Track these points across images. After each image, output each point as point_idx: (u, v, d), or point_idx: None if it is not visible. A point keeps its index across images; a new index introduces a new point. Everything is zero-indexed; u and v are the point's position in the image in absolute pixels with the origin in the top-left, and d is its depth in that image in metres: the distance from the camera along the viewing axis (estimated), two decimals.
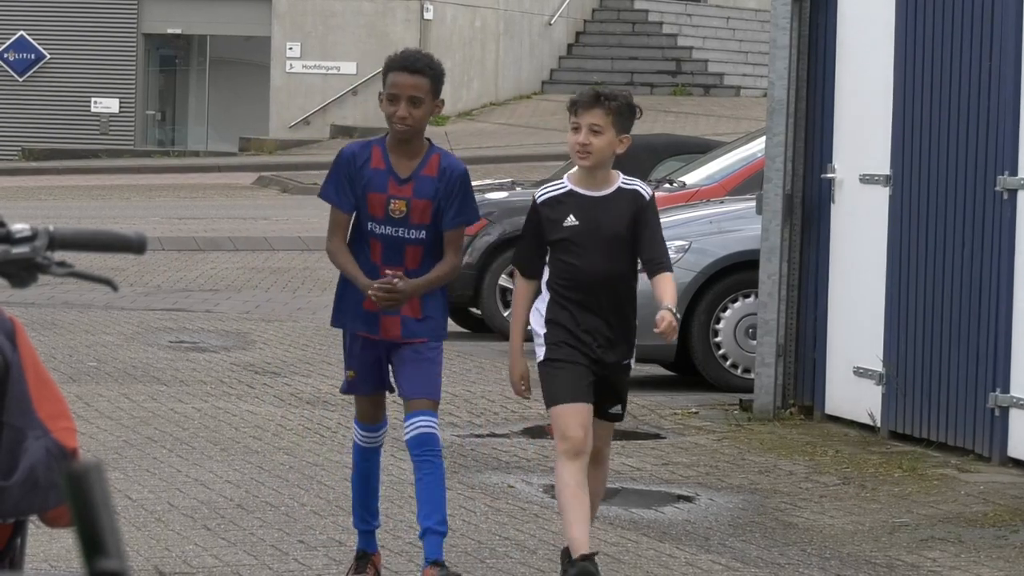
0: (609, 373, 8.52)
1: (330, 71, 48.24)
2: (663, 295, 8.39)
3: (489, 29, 49.92)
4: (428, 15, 46.63)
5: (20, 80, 46.89)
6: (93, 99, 47.65)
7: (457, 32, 50.01)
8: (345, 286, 8.67)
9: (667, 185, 19.04)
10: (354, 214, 8.67)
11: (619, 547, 10.76)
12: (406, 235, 8.45)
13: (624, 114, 8.59)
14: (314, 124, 48.10)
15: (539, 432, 14.28)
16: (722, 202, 18.69)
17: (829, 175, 15.04)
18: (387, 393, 9.04)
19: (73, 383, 5.93)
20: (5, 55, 46.92)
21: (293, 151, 46.89)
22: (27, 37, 46.28)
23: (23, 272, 4.59)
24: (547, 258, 8.58)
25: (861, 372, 14.43)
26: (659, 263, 8.45)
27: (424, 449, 8.64)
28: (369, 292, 8.32)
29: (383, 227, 8.46)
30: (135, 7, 48.19)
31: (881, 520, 11.65)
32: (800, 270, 15.44)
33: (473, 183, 9.39)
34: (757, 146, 19.00)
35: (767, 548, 10.85)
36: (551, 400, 8.54)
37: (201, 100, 50.59)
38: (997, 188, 13.36)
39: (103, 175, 40.73)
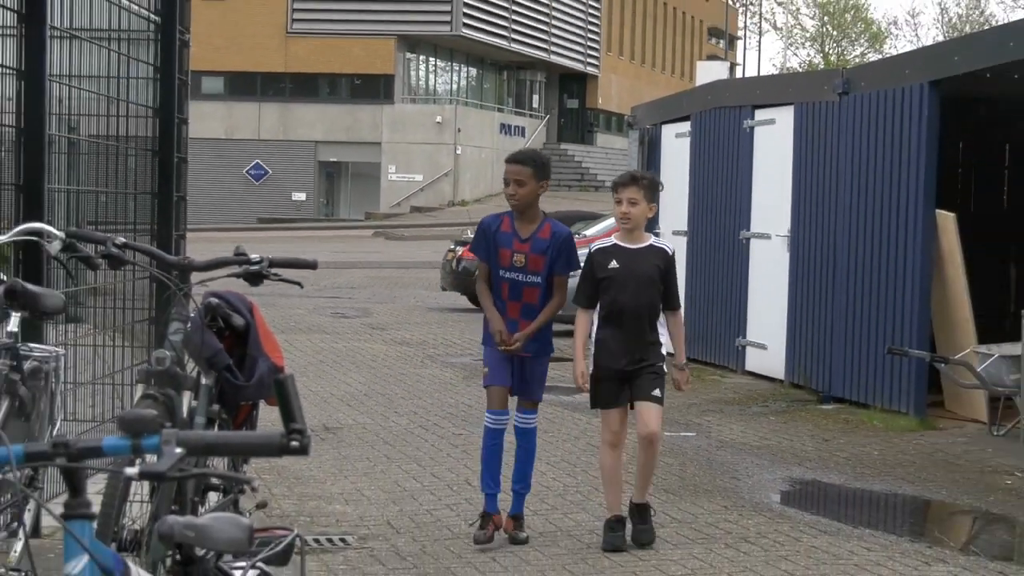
0: (643, 372, 9.18)
1: (409, 179, 66.01)
2: (678, 350, 9.68)
3: (488, 159, 65.73)
4: (459, 152, 65.02)
5: (256, 184, 64.78)
6: (292, 192, 65.80)
7: (472, 159, 66.98)
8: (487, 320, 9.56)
9: (576, 235, 23.63)
10: (488, 263, 9.56)
11: None
12: (524, 279, 9.33)
13: (652, 188, 9.58)
14: (401, 205, 65.04)
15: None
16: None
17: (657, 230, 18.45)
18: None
19: (282, 334, 7.42)
20: (248, 172, 64.85)
21: (391, 219, 62.28)
22: (261, 163, 64.35)
23: (256, 278, 7.56)
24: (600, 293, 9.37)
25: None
26: (673, 302, 9.45)
27: (524, 438, 9.65)
28: (500, 347, 9.34)
29: (509, 273, 9.34)
30: (313, 148, 65.07)
31: (681, 402, 14.90)
32: None
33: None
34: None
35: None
36: (595, 404, 9.58)
37: (346, 193, 69.26)
38: (740, 238, 18.60)
39: (296, 232, 56.17)
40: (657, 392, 9.28)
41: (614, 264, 9.29)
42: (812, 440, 14.39)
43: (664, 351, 9.53)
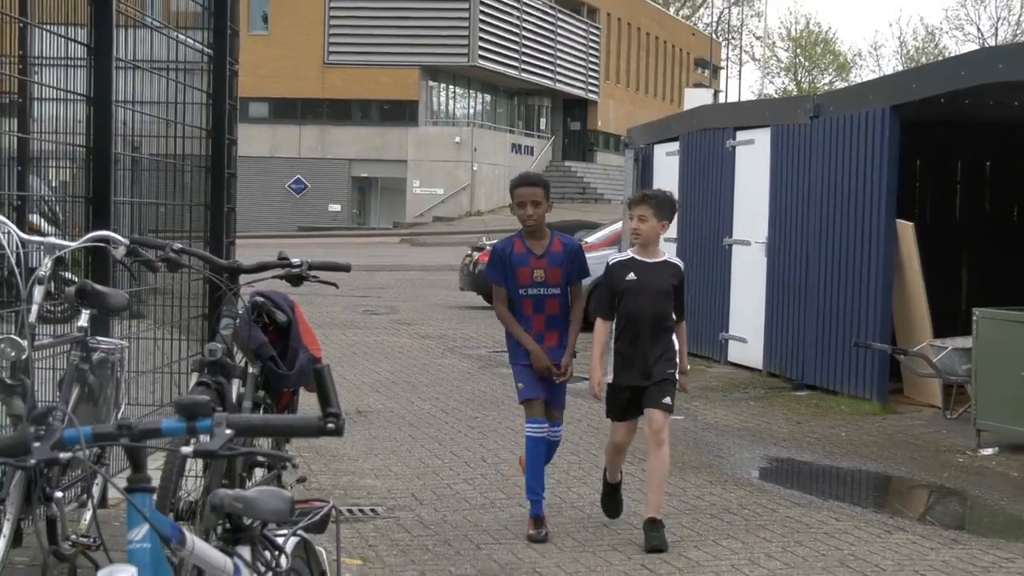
0: (656, 380, 8.51)
1: (431, 192, 66.01)
2: (682, 357, 8.81)
3: (501, 174, 64.12)
4: (475, 168, 65.07)
5: (298, 197, 64.99)
6: (329, 204, 66.37)
7: (486, 175, 66.40)
8: (513, 340, 8.94)
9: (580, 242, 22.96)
10: (507, 286, 8.91)
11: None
12: (546, 292, 8.80)
13: (664, 207, 8.81)
14: (425, 215, 64.71)
15: None
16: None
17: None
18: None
19: (319, 328, 7.29)
20: (290, 186, 65.15)
21: (415, 228, 62.10)
22: (301, 178, 64.79)
23: (296, 279, 7.62)
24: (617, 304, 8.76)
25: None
26: (680, 314, 8.77)
27: (551, 449, 9.19)
28: (542, 367, 8.75)
29: (531, 289, 8.77)
30: (347, 165, 65.94)
31: None
32: None
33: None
34: (616, 225, 24.65)
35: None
36: (609, 415, 8.90)
37: (376, 205, 69.67)
38: (723, 244, 18.56)
39: (332, 239, 55.37)
40: (668, 400, 8.59)
41: (632, 276, 8.71)
42: (787, 423, 14.42)
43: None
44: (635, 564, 8.29)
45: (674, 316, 8.81)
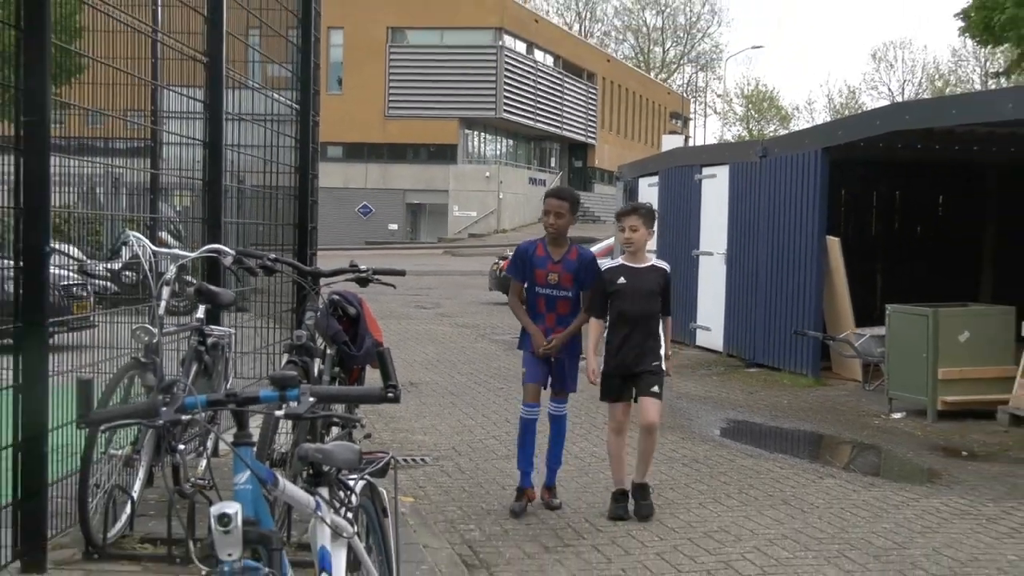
0: (644, 372, 7.77)
1: (467, 215, 65.20)
2: (666, 345, 8.05)
3: (521, 201, 66.01)
4: (501, 197, 64.38)
5: (364, 219, 64.62)
6: (388, 224, 65.46)
7: (509, 202, 66.05)
8: (523, 330, 8.18)
9: None
10: (525, 283, 8.14)
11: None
12: (558, 294, 7.99)
13: (649, 217, 8.06)
14: (462, 233, 64.10)
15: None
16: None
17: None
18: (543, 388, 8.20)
19: (381, 319, 7.27)
20: (358, 210, 64.74)
21: (454, 242, 61.62)
22: (367, 204, 64.36)
23: (363, 282, 7.79)
24: (608, 305, 8.00)
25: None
26: (667, 311, 8.01)
27: (556, 423, 8.23)
28: (540, 351, 7.97)
29: (544, 289, 7.99)
30: (402, 194, 65.87)
31: None
32: None
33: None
34: (609, 240, 23.61)
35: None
36: (604, 397, 8.06)
37: (424, 224, 68.82)
38: (692, 254, 18.36)
39: (391, 250, 55.37)
40: (656, 389, 7.85)
41: (622, 280, 7.95)
42: (741, 393, 14.42)
43: (662, 352, 8.04)
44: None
45: (661, 312, 8.08)
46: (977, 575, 6.92)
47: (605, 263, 8.58)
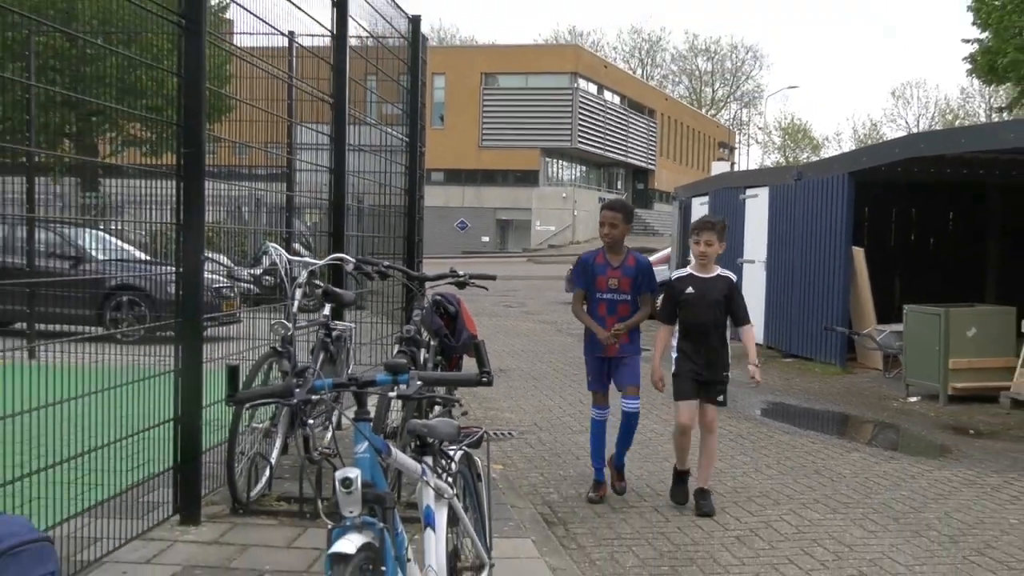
0: (711, 380, 6.96)
1: (547, 229, 64.37)
2: (750, 352, 7.08)
3: (591, 218, 63.14)
4: (575, 214, 63.58)
5: (462, 232, 63.74)
6: (481, 236, 64.54)
7: (582, 218, 64.23)
8: (589, 334, 7.40)
9: None
10: (586, 290, 7.42)
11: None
12: (618, 298, 7.27)
13: (722, 231, 7.26)
14: (543, 244, 63.20)
15: None
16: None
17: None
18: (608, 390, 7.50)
19: (475, 316, 6.93)
20: (456, 225, 63.51)
21: (537, 252, 61.06)
22: (464, 220, 62.79)
23: (461, 285, 7.84)
24: (678, 312, 7.15)
25: None
26: (743, 319, 7.08)
27: (628, 419, 7.35)
28: (605, 338, 7.21)
29: (606, 294, 7.28)
30: (493, 212, 65.93)
31: None
32: None
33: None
34: (666, 251, 23.67)
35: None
36: (676, 396, 7.15)
37: (512, 237, 67.66)
38: (737, 262, 17.70)
39: (484, 259, 54.08)
40: (720, 398, 7.12)
41: (690, 289, 7.13)
42: (779, 379, 14.18)
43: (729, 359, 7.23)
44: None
45: (734, 320, 7.20)
46: (983, 536, 6.79)
47: (662, 269, 8.14)
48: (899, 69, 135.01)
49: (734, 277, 7.43)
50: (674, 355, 7.28)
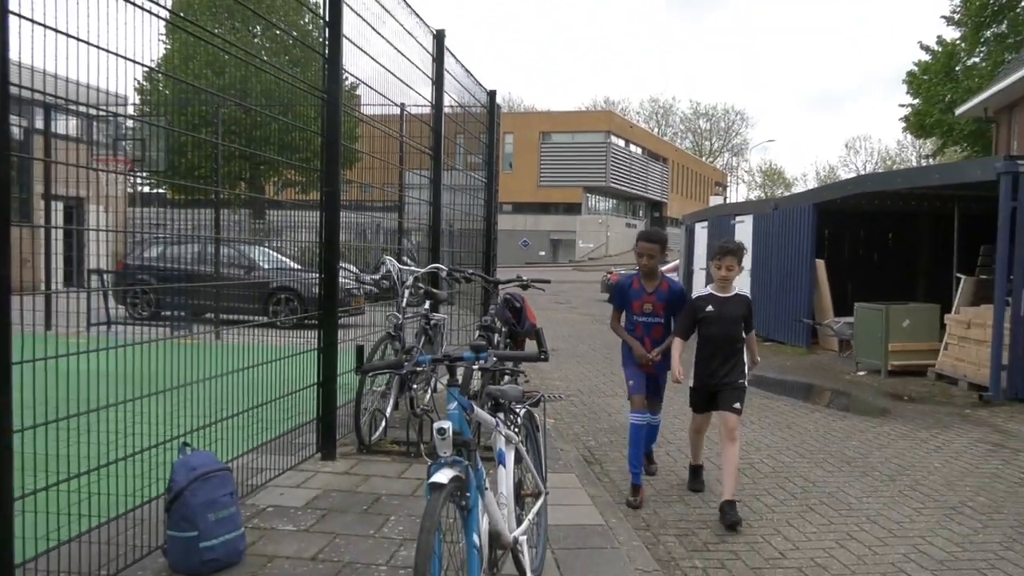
0: (728, 387, 5.67)
1: (587, 246, 62.68)
2: (751, 353, 5.88)
3: (620, 238, 65.03)
4: (608, 235, 61.78)
5: (524, 248, 62.15)
6: (539, 251, 62.65)
7: (614, 239, 63.69)
8: (626, 346, 6.07)
9: None
10: (624, 311, 6.08)
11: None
12: (652, 320, 6.00)
13: (741, 256, 5.88)
14: (583, 257, 61.32)
15: None
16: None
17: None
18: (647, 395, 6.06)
19: (535, 310, 6.71)
20: (520, 243, 61.42)
21: (580, 263, 60.27)
22: (527, 239, 61.07)
23: (525, 287, 7.65)
24: (696, 328, 5.80)
25: None
26: (750, 328, 5.88)
27: (652, 430, 6.22)
28: (642, 358, 5.93)
29: (641, 317, 6.01)
30: (547, 233, 63.73)
31: None
32: None
33: None
34: (674, 263, 23.50)
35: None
36: (692, 407, 5.91)
37: (561, 252, 64.94)
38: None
39: (541, 268, 53.43)
40: (737, 405, 5.64)
41: (710, 308, 5.77)
42: (760, 358, 13.90)
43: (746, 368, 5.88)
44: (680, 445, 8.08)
45: (746, 331, 5.88)
46: (914, 476, 6.61)
47: (671, 276, 7.26)
48: (851, 127, 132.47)
49: (750, 295, 6.22)
50: (691, 368, 5.92)
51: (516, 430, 3.89)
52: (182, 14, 5.15)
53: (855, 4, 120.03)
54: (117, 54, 3.47)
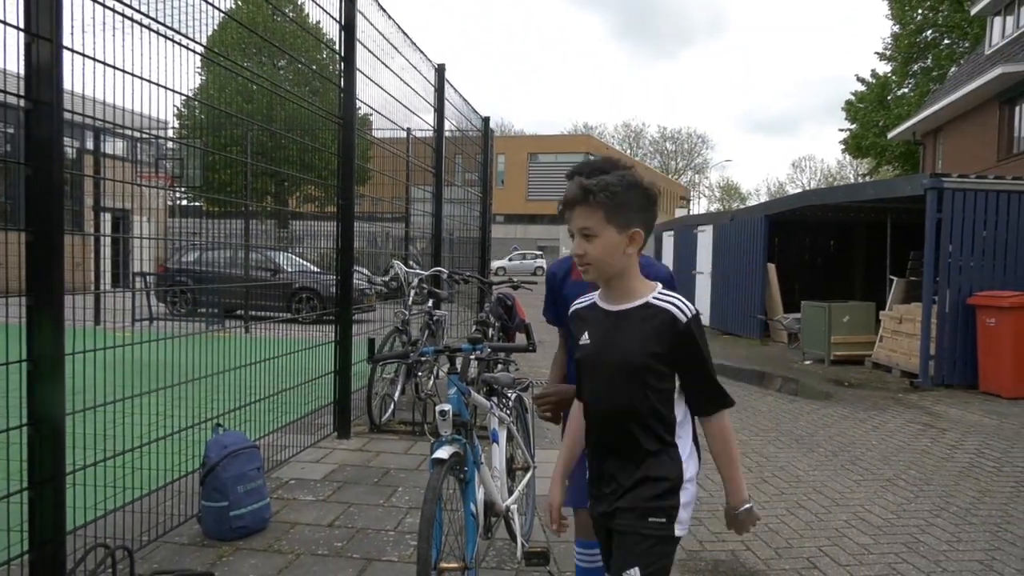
0: (625, 529, 2.05)
1: (569, 251, 58.25)
2: (730, 479, 2.36)
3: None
4: None
5: (515, 253, 57.28)
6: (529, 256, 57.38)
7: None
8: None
9: None
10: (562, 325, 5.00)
11: None
12: None
13: (614, 200, 2.31)
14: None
15: None
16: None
17: (693, 271, 17.84)
18: None
19: (524, 307, 7.07)
20: (512, 248, 55.79)
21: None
22: (517, 246, 55.89)
23: (515, 287, 7.64)
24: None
25: None
26: (711, 400, 2.37)
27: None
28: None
29: None
30: (535, 241, 61.14)
31: None
32: None
33: None
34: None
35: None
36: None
37: (547, 256, 61.52)
38: (691, 272, 17.26)
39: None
40: (633, 573, 2.08)
41: (585, 339, 2.11)
42: (719, 348, 13.78)
43: None
44: None
45: (694, 401, 2.82)
46: (854, 452, 6.60)
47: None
48: (798, 149, 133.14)
49: (686, 313, 3.74)
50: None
51: (508, 412, 3.90)
52: (216, 49, 5.13)
53: (802, 42, 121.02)
54: (159, 84, 3.51)
